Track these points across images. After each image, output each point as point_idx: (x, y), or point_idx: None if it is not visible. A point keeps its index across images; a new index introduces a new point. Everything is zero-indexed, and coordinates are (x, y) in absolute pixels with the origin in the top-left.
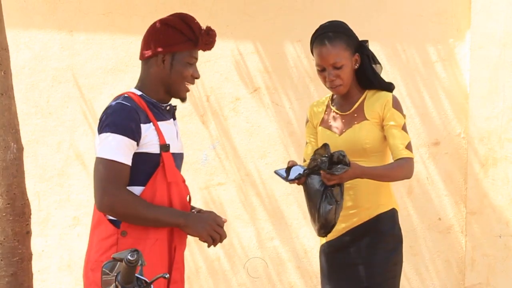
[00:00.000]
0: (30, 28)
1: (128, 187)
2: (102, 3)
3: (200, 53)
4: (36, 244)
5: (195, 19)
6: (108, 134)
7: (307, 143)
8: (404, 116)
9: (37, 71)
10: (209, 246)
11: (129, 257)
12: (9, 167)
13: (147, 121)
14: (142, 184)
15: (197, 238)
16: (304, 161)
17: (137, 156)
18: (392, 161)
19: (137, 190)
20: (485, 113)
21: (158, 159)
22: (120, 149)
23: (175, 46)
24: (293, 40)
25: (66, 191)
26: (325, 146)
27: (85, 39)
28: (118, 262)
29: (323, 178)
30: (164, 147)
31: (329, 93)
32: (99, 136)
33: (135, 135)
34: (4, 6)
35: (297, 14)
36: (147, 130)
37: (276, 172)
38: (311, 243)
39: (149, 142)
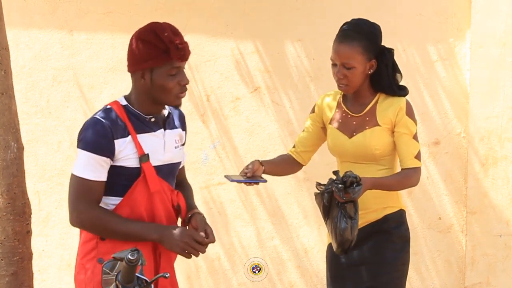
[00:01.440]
0: (30, 27)
1: (105, 197)
2: (102, 3)
3: (200, 52)
4: (37, 243)
5: (167, 29)
6: (80, 150)
7: (304, 130)
8: (416, 122)
9: (37, 70)
10: (187, 257)
11: (129, 256)
12: (9, 166)
13: (125, 134)
14: (120, 195)
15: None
16: (294, 146)
17: (112, 169)
18: (400, 166)
19: (114, 200)
20: (485, 113)
21: (135, 172)
22: (90, 166)
23: (150, 61)
24: (294, 39)
25: (66, 190)
26: (336, 173)
27: (85, 39)
28: (119, 262)
29: (337, 197)
30: (143, 158)
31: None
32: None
33: (106, 152)
34: (4, 6)
35: (297, 14)
36: (123, 144)
37: (226, 177)
38: (311, 242)
39: (126, 156)
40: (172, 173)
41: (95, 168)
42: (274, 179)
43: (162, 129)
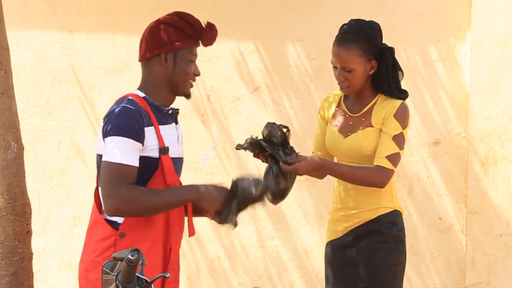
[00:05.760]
0: (30, 27)
1: None
2: (103, 3)
3: (200, 52)
4: (37, 243)
5: (193, 16)
6: (113, 137)
7: (317, 135)
8: (404, 126)
9: (38, 70)
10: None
11: (129, 256)
12: (9, 166)
13: (150, 124)
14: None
15: (197, 237)
16: (313, 153)
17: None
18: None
19: None
20: (485, 113)
21: (156, 163)
22: (125, 151)
23: (176, 44)
24: (294, 39)
25: (66, 190)
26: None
27: (85, 39)
28: (119, 262)
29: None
30: (163, 150)
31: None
32: (105, 140)
33: (140, 137)
34: (5, 6)
35: (297, 14)
36: (150, 133)
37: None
38: (312, 242)
39: (151, 146)
40: (181, 168)
41: (130, 153)
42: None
43: (174, 123)
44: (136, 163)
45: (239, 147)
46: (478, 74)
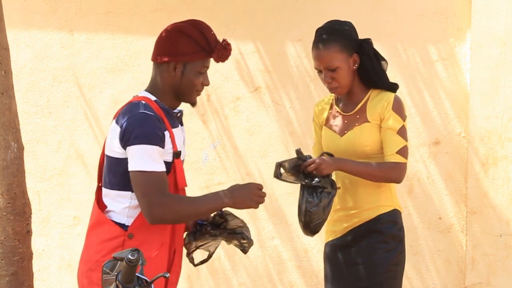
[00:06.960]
0: (30, 27)
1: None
2: (103, 3)
3: None
4: (37, 243)
5: (211, 29)
6: (141, 146)
7: (315, 143)
8: (404, 118)
9: (38, 70)
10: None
11: (129, 256)
12: (9, 166)
13: (164, 128)
14: None
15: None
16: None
17: None
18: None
19: None
20: (485, 113)
21: (169, 167)
22: (155, 158)
23: (188, 56)
24: (294, 39)
25: (66, 190)
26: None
27: (85, 39)
28: (119, 262)
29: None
30: (177, 154)
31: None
32: (129, 148)
33: (162, 144)
34: (5, 6)
35: (297, 14)
36: (166, 138)
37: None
38: (312, 242)
39: (167, 151)
40: None
41: (159, 160)
42: (273, 178)
43: (180, 125)
44: (164, 168)
45: (278, 174)
46: (478, 74)
